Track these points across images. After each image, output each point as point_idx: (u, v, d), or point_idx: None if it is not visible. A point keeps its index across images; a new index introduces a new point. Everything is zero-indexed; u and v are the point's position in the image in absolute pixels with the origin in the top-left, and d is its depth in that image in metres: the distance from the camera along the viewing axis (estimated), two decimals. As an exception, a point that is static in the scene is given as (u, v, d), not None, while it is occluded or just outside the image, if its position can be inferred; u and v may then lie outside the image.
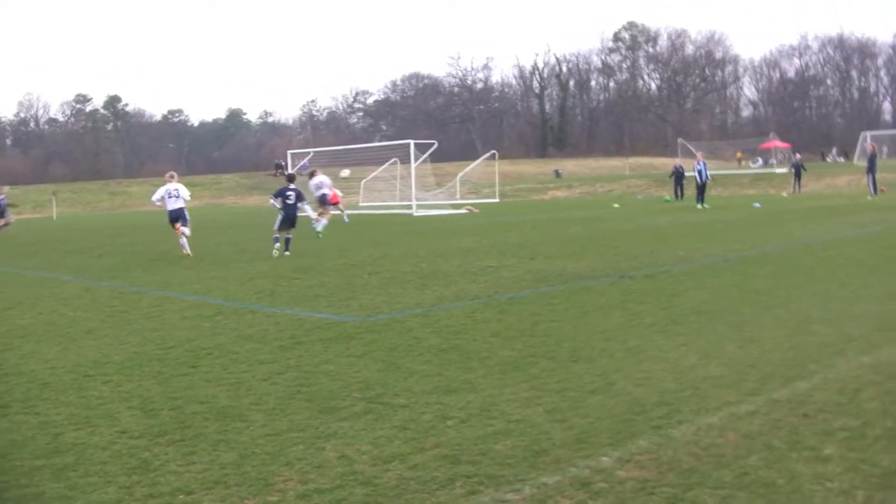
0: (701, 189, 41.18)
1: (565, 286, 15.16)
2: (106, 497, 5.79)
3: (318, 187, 32.87)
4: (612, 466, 6.00)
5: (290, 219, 23.32)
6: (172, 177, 24.52)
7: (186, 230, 23.69)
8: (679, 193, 48.45)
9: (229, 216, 52.95)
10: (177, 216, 23.75)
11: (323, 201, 32.46)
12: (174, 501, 5.69)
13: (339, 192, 38.30)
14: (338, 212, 37.43)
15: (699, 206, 39.84)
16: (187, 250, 23.33)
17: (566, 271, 17.21)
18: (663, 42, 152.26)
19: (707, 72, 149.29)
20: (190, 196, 24.48)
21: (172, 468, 6.30)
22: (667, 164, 64.41)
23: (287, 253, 22.88)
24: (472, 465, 6.14)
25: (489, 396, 7.86)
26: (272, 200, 24.37)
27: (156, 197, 24.42)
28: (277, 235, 23.33)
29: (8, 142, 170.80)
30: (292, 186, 23.78)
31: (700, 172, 41.18)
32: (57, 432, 7.27)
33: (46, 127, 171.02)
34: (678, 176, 48.62)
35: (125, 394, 8.53)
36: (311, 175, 34.03)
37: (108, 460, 6.53)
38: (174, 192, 23.79)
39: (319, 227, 30.32)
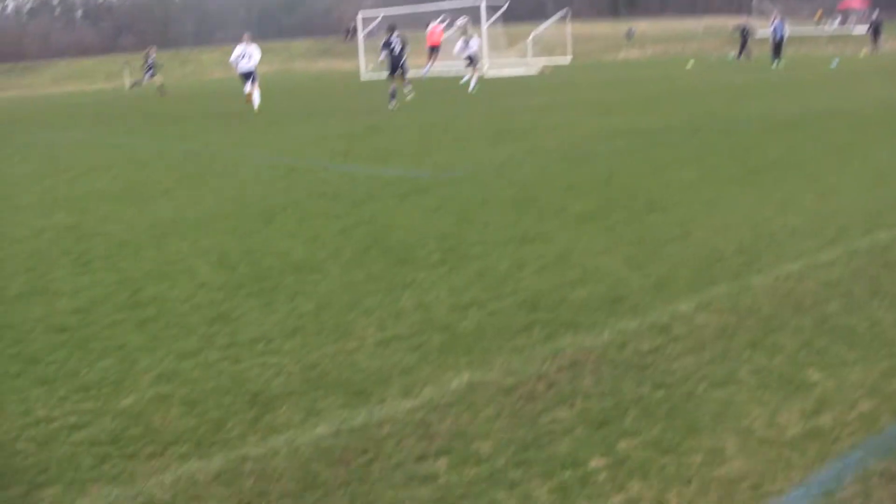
0: (776, 47, 40.39)
1: (640, 141, 14.99)
2: (187, 346, 5.86)
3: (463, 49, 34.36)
4: (692, 312, 5.94)
5: (396, 64, 25.41)
6: (247, 39, 26.27)
7: (256, 91, 25.87)
8: (743, 52, 47.42)
9: (301, 80, 52.87)
10: (247, 76, 25.86)
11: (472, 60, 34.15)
12: (254, 349, 5.76)
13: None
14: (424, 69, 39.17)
15: (774, 64, 39.12)
16: (255, 105, 25.75)
17: (641, 127, 17.00)
18: None
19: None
20: (259, 58, 26.08)
21: (251, 318, 6.34)
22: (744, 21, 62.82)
23: (408, 96, 25.90)
24: (550, 311, 6.13)
25: (565, 246, 7.81)
26: (382, 54, 26.14)
27: (232, 58, 26.16)
28: (393, 88, 25.23)
29: (78, 14, 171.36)
30: (395, 36, 25.60)
31: (776, 30, 40.34)
32: (137, 287, 7.35)
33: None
34: (744, 34, 47.60)
35: (203, 249, 8.61)
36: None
37: (188, 312, 6.59)
38: (246, 53, 25.59)
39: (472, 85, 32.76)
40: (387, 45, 25.80)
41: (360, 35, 53.58)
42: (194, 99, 37.95)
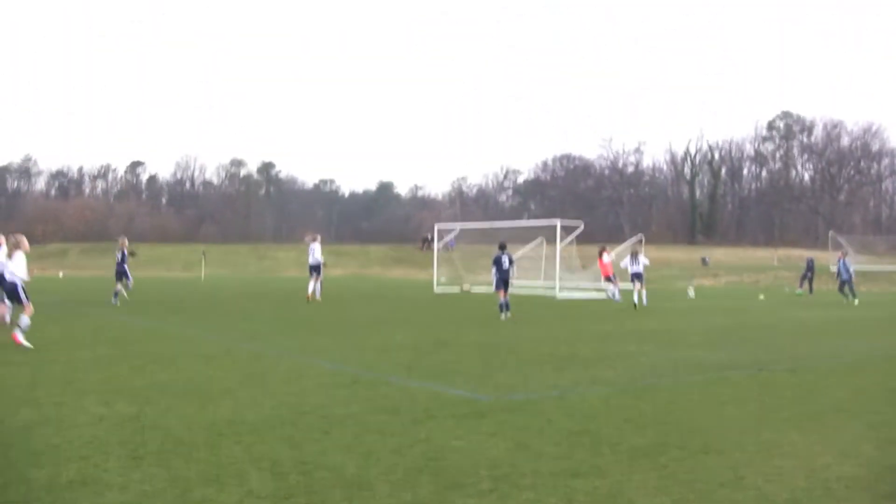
0: (841, 285, 41.52)
1: (703, 376, 15.01)
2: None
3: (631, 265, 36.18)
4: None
5: (504, 280, 27.57)
6: (313, 237, 34.61)
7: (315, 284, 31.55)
8: (806, 286, 48.50)
9: (375, 286, 53.65)
10: (311, 268, 31.41)
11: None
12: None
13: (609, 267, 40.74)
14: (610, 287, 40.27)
15: (845, 300, 39.63)
16: (308, 293, 31.21)
17: (705, 361, 17.05)
18: (818, 132, 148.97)
19: (862, 164, 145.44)
20: (321, 257, 33.05)
21: (297, 530, 6.44)
22: (816, 256, 63.09)
23: (508, 314, 26.92)
24: (595, 549, 6.16)
25: (616, 482, 7.85)
26: (493, 270, 28.23)
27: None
28: (502, 301, 27.49)
29: (163, 200, 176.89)
30: (504, 253, 27.89)
31: (839, 269, 41.30)
32: (186, 488, 7.48)
33: (201, 188, 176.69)
34: (808, 269, 48.98)
35: (256, 455, 8.74)
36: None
37: (233, 519, 6.71)
38: (310, 250, 32.20)
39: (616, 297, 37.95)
40: (497, 260, 27.82)
41: (436, 246, 54.56)
42: (267, 295, 38.61)
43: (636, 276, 35.16)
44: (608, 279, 39.65)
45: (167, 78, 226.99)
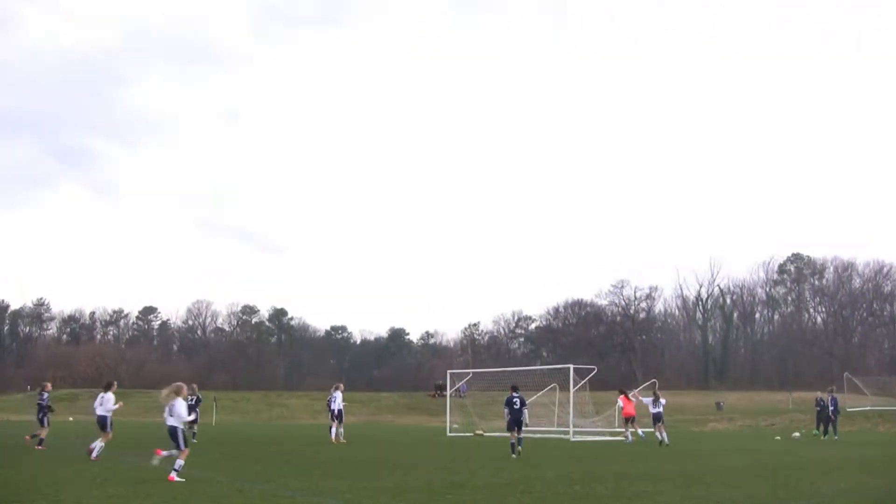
0: (826, 421, 44.96)
1: (720, 516, 14.86)
2: None
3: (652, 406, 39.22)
4: None
5: (516, 421, 28.37)
6: (336, 386, 38.37)
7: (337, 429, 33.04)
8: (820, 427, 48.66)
9: (386, 433, 53.39)
10: (333, 415, 34.18)
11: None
12: None
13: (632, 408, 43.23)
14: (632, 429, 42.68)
15: (823, 437, 43.46)
16: (332, 438, 32.25)
17: (723, 499, 16.89)
18: (829, 275, 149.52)
19: (875, 306, 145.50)
20: (341, 403, 35.24)
21: None
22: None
23: (520, 448, 28.12)
24: None
25: None
26: (505, 411, 29.25)
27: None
28: (513, 441, 28.37)
29: (174, 347, 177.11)
30: (516, 395, 28.69)
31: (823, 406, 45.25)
32: None
33: (212, 335, 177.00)
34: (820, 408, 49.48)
35: None
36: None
37: None
38: (333, 397, 34.43)
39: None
40: (509, 402, 28.78)
41: (448, 392, 54.52)
42: (279, 441, 38.48)
43: (658, 417, 37.78)
44: (629, 420, 41.43)
45: (181, 223, 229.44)
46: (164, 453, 21.02)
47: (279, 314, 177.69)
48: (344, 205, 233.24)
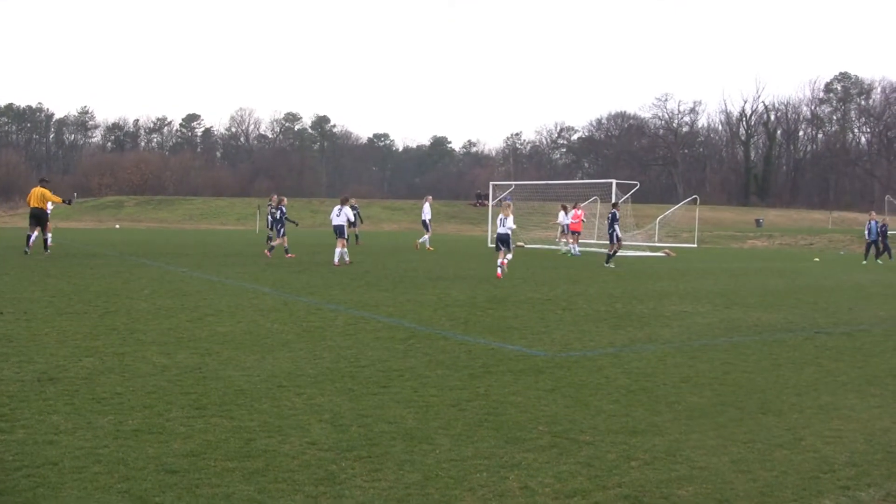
0: (867, 246, 43.32)
1: (759, 337, 14.96)
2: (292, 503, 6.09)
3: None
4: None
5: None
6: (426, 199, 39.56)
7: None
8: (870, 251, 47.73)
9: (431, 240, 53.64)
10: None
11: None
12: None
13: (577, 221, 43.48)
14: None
15: (864, 262, 41.80)
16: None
17: (761, 322, 16.99)
18: (876, 95, 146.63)
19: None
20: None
21: (358, 483, 6.51)
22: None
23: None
24: (653, 507, 6.20)
25: (675, 441, 7.88)
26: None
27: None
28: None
29: (218, 154, 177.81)
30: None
31: (869, 230, 43.16)
32: (249, 437, 7.63)
33: (255, 143, 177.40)
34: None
35: (317, 407, 8.86)
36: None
37: (296, 469, 6.80)
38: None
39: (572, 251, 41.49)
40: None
41: (491, 203, 54.57)
42: (322, 249, 38.77)
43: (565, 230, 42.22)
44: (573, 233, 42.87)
45: (224, 30, 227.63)
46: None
47: (322, 121, 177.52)
48: (386, 15, 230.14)
